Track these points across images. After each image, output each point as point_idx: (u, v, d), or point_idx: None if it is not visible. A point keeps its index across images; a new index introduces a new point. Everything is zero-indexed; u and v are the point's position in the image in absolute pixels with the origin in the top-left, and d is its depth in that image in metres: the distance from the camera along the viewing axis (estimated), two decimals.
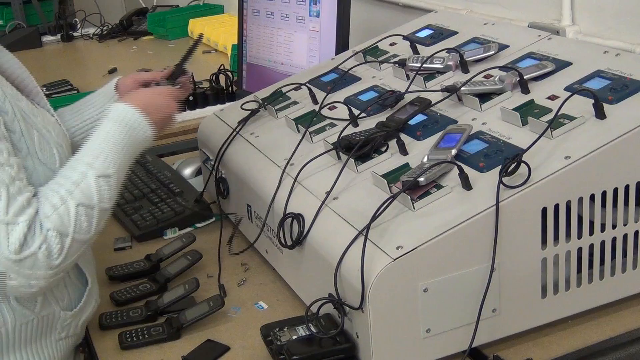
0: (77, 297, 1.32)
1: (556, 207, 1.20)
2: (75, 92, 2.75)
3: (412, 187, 1.20)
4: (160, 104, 1.39)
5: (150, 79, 1.56)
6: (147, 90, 1.46)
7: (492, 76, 1.47)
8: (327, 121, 1.54)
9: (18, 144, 1.20)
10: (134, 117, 1.30)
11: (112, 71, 3.10)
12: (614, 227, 1.26)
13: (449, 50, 1.61)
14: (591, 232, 1.24)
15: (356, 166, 1.35)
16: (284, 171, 1.45)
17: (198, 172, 2.02)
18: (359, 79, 1.70)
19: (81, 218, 1.18)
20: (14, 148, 1.18)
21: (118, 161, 1.25)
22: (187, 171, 2.05)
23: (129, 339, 1.35)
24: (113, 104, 1.34)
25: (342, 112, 1.54)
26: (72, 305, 1.30)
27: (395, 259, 1.11)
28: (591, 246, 1.25)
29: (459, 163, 1.22)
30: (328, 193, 1.31)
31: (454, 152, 1.27)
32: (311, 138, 1.51)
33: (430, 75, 1.58)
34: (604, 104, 1.26)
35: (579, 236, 1.23)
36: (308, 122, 1.53)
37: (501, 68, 1.46)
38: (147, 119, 1.32)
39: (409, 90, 1.54)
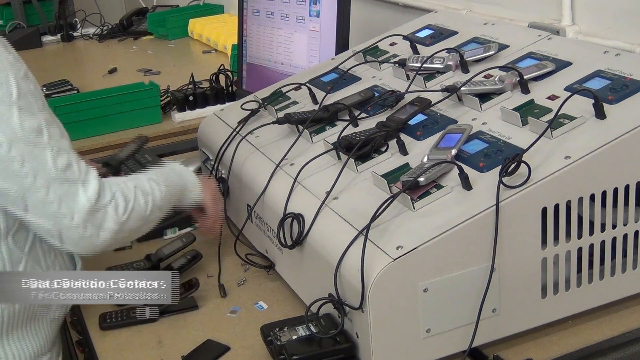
0: None
1: (556, 207, 1.19)
2: (75, 92, 2.75)
3: (412, 187, 1.20)
4: (217, 195, 1.56)
5: None
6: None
7: (492, 76, 1.47)
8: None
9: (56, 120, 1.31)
10: (192, 179, 1.50)
11: (112, 71, 3.10)
12: (614, 227, 1.26)
13: (449, 50, 1.61)
14: (591, 232, 1.24)
15: (356, 166, 1.35)
16: (277, 165, 1.45)
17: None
18: (359, 79, 1.70)
19: (139, 195, 1.32)
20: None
21: (167, 186, 1.40)
22: None
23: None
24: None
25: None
26: None
27: (395, 259, 1.11)
28: (591, 246, 1.25)
29: (459, 163, 1.22)
30: (328, 193, 1.31)
31: (454, 152, 1.27)
32: (311, 138, 1.51)
33: (430, 75, 1.58)
34: (604, 104, 1.26)
35: (579, 236, 1.23)
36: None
37: (501, 68, 1.46)
38: (200, 187, 1.50)
39: (409, 90, 1.54)
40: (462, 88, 1.42)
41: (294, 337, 1.21)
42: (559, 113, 1.24)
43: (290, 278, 1.44)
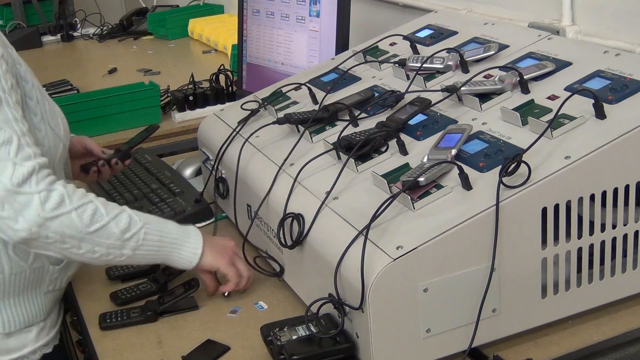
0: None
1: (556, 207, 1.20)
2: (75, 92, 2.75)
3: (412, 187, 1.20)
4: (224, 248, 1.45)
5: (95, 152, 1.71)
6: (224, 241, 1.48)
7: (492, 76, 1.47)
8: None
9: (35, 109, 1.37)
10: (195, 235, 1.41)
11: (112, 71, 3.10)
12: (614, 227, 1.26)
13: (449, 50, 1.61)
14: (591, 232, 1.24)
15: (356, 166, 1.35)
16: (280, 167, 1.45)
17: (198, 172, 2.02)
18: (359, 79, 1.70)
19: (88, 209, 1.28)
20: (31, 113, 1.35)
21: (152, 234, 1.35)
22: (187, 171, 2.05)
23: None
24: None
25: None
26: (60, 260, 1.45)
27: (395, 259, 1.11)
28: (591, 246, 1.25)
29: (459, 163, 1.22)
30: (328, 193, 1.31)
31: (454, 152, 1.27)
32: (311, 138, 1.51)
33: (430, 75, 1.58)
34: (604, 104, 1.26)
35: (579, 236, 1.23)
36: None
37: (501, 68, 1.46)
38: (202, 252, 1.40)
39: (409, 90, 1.54)
40: (462, 88, 1.42)
41: (294, 337, 1.21)
42: (559, 113, 1.24)
43: (290, 278, 1.44)
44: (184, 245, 1.39)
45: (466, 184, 1.20)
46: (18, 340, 1.44)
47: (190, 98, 2.44)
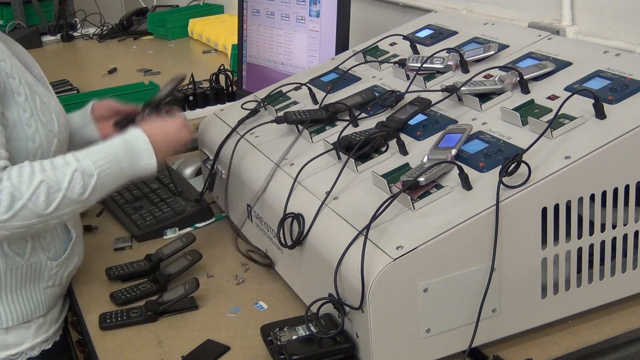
0: (63, 249, 1.48)
1: (556, 207, 1.20)
2: (75, 92, 2.75)
3: (412, 187, 1.20)
4: (173, 134, 1.48)
5: (124, 110, 1.69)
6: (164, 123, 1.51)
7: (492, 76, 1.47)
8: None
9: (24, 105, 1.36)
10: (143, 143, 1.41)
11: (112, 71, 3.10)
12: (614, 227, 1.26)
13: (449, 50, 1.61)
14: (591, 232, 1.24)
15: (356, 166, 1.35)
16: (277, 165, 1.46)
17: (198, 172, 2.02)
18: (359, 79, 1.70)
19: (40, 193, 1.28)
20: (20, 109, 1.35)
21: (108, 171, 1.35)
22: (187, 171, 2.05)
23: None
24: (135, 130, 1.43)
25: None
26: (58, 256, 1.46)
27: (395, 259, 1.11)
28: (591, 246, 1.25)
29: (459, 163, 1.22)
30: (328, 193, 1.31)
31: (454, 152, 1.27)
32: (311, 138, 1.51)
33: (430, 75, 1.58)
34: (604, 104, 1.26)
35: (579, 236, 1.23)
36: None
37: (501, 68, 1.46)
38: (154, 150, 1.41)
39: (409, 90, 1.54)
40: (462, 88, 1.42)
41: (294, 337, 1.21)
42: (559, 113, 1.24)
43: (290, 278, 1.44)
44: (137, 163, 1.40)
45: (466, 184, 1.20)
46: (16, 336, 1.44)
47: (190, 98, 2.45)
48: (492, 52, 1.56)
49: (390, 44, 1.81)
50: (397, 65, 1.64)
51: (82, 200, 1.33)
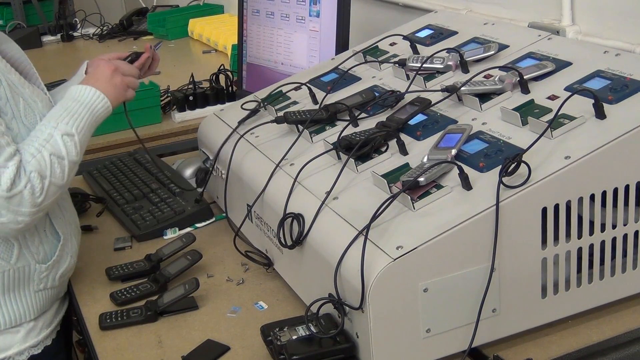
0: (52, 252, 1.46)
1: (556, 207, 1.19)
2: None
3: (412, 187, 1.20)
4: (118, 81, 1.53)
5: (122, 54, 1.71)
6: (105, 68, 1.55)
7: (492, 76, 1.47)
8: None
9: (4, 109, 1.36)
10: (90, 93, 1.46)
11: None
12: (614, 227, 1.26)
13: (449, 50, 1.61)
14: (591, 232, 1.24)
15: (356, 166, 1.35)
16: (277, 165, 1.45)
17: (197, 172, 2.02)
18: (359, 79, 1.70)
19: (55, 165, 1.34)
20: (1, 112, 1.35)
21: (79, 125, 1.41)
22: (187, 171, 2.05)
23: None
24: (73, 86, 1.48)
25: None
26: (47, 259, 1.45)
27: (395, 259, 1.11)
28: (591, 246, 1.25)
29: (459, 163, 1.22)
30: (328, 193, 1.31)
31: (454, 152, 1.27)
32: (311, 138, 1.51)
33: (430, 75, 1.58)
34: (604, 104, 1.26)
35: (579, 236, 1.23)
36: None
37: (501, 68, 1.46)
38: (104, 94, 1.47)
39: (409, 90, 1.54)
40: (462, 88, 1.42)
41: (294, 337, 1.21)
42: (559, 113, 1.24)
43: (290, 278, 1.44)
44: (96, 110, 1.45)
45: (466, 184, 1.20)
46: (3, 341, 1.43)
47: (190, 98, 2.44)
48: (492, 52, 1.56)
49: (390, 44, 1.81)
50: (397, 65, 1.64)
51: (78, 161, 1.40)
